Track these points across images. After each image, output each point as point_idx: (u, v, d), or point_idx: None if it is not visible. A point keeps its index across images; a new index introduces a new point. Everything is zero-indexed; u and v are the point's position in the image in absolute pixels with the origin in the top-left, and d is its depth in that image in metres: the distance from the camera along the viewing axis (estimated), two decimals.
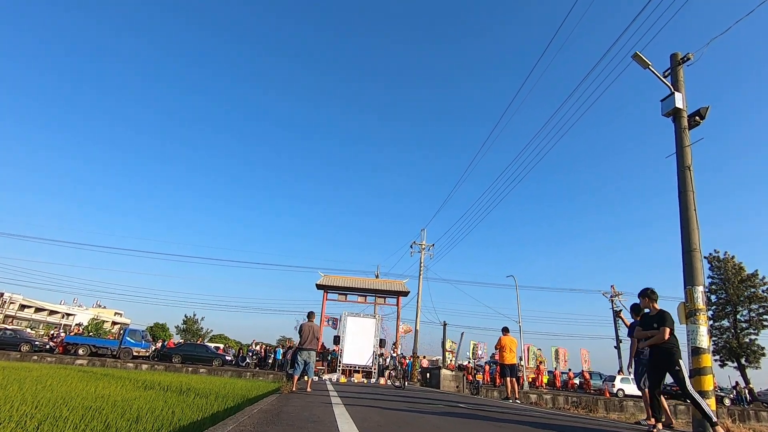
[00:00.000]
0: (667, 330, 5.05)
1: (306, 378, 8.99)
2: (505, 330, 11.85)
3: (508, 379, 11.47)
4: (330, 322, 26.43)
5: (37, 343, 26.06)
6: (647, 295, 5.48)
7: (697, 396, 4.94)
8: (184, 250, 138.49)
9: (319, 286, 26.49)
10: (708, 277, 35.66)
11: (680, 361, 4.97)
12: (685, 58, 8.12)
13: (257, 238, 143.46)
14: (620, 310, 8.30)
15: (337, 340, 21.46)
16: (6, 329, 28.82)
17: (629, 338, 7.11)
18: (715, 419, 4.83)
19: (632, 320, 7.10)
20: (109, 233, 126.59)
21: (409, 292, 27.36)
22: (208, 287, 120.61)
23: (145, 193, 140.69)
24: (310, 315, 9.38)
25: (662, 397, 7.02)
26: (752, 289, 33.28)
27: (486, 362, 32.10)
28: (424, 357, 30.63)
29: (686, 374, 4.94)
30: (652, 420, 6.86)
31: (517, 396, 11.86)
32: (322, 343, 26.62)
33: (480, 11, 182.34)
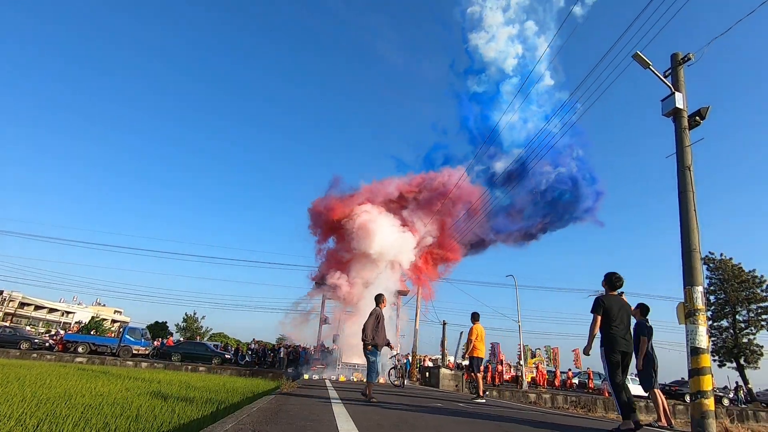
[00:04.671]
0: None
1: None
2: (477, 317, 10.16)
3: (478, 375, 9.95)
4: (325, 321, 26.44)
5: (36, 340, 26.09)
6: None
7: None
8: (184, 249, 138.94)
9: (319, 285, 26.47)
10: (706, 278, 35.70)
11: None
12: (686, 58, 8.12)
13: (258, 237, 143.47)
14: (622, 293, 7.71)
15: (335, 338, 21.46)
16: (5, 327, 28.84)
17: (640, 337, 6.81)
18: None
19: (636, 320, 7.03)
20: (109, 231, 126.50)
21: (408, 291, 27.35)
22: (208, 285, 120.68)
23: (144, 191, 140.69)
24: (379, 299, 7.31)
25: (662, 395, 7.06)
26: (751, 290, 33.33)
27: (487, 361, 32.17)
28: (426, 356, 30.63)
29: None
30: (664, 421, 6.84)
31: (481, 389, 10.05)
32: (322, 343, 26.62)
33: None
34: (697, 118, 7.77)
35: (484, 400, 9.22)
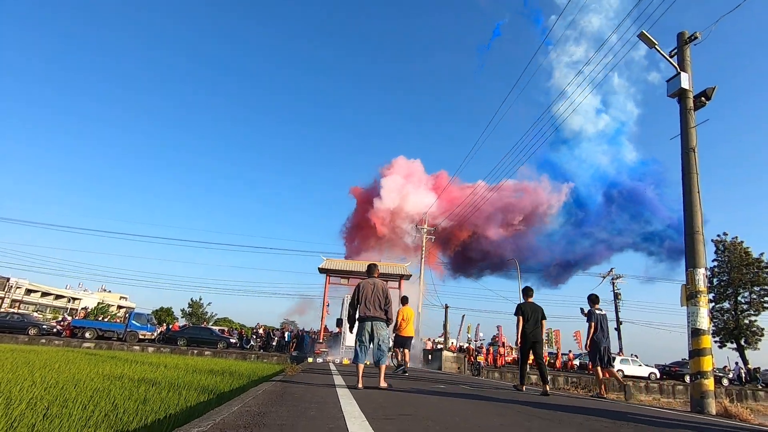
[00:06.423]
0: None
1: (370, 362, 6.30)
2: (405, 300, 11.61)
3: (406, 351, 10.93)
4: (327, 307, 26.74)
5: (44, 326, 26.47)
6: None
7: None
8: (188, 235, 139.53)
9: (321, 270, 26.65)
10: (712, 260, 35.66)
11: None
12: (692, 38, 7.96)
13: (262, 223, 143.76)
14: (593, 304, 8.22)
15: (339, 322, 21.71)
16: (14, 313, 29.24)
17: (588, 323, 8.21)
18: None
19: (589, 308, 8.31)
20: (113, 218, 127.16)
21: (411, 275, 27.51)
22: (213, 271, 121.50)
23: (148, 178, 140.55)
24: (371, 269, 6.53)
25: (600, 369, 8.15)
26: (755, 272, 33.34)
27: (489, 344, 32.59)
28: (430, 339, 31.00)
29: None
30: (604, 392, 8.34)
31: (407, 363, 11.00)
32: (326, 327, 26.88)
33: None
34: (703, 98, 7.66)
35: (407, 374, 10.24)
